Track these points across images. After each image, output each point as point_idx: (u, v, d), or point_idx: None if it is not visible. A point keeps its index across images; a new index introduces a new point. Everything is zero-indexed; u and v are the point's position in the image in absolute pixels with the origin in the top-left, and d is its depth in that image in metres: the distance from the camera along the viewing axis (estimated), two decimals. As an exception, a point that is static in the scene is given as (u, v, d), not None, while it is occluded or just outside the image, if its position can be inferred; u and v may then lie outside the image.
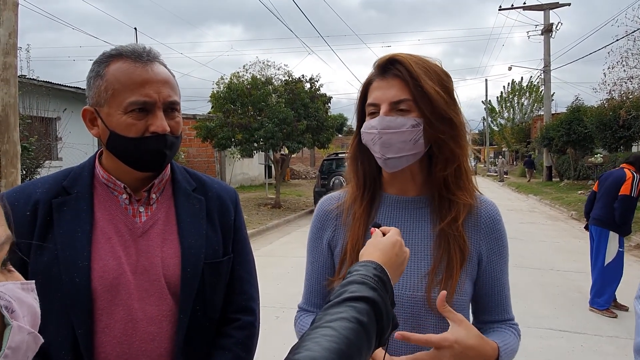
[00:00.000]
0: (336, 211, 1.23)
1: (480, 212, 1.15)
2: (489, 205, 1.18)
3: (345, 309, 0.72)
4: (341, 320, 0.69)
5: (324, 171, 14.70)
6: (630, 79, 13.80)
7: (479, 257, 1.13)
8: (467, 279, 1.11)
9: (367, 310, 0.73)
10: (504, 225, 1.18)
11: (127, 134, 1.07)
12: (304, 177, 30.90)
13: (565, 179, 22.50)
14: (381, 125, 1.06)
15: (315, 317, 0.74)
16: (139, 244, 1.12)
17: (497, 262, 1.15)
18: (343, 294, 0.76)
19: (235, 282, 1.24)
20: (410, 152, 1.07)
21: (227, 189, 1.31)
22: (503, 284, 1.16)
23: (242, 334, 1.21)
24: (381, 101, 1.07)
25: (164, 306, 1.10)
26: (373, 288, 0.78)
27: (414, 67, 1.05)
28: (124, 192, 1.14)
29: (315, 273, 1.25)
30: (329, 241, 1.22)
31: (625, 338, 4.48)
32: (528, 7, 22.22)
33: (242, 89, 13.90)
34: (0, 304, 0.50)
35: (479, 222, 1.14)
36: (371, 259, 0.87)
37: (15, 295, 0.52)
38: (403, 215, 1.16)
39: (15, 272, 0.57)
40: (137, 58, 1.09)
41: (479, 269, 1.14)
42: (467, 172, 1.13)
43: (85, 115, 1.13)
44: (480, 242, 1.13)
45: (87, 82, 1.13)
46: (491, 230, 1.14)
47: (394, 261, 0.90)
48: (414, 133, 1.05)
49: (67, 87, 13.66)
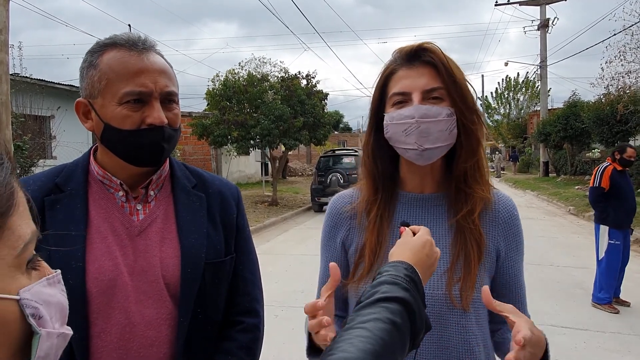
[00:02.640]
0: (350, 210, 1.19)
1: (498, 208, 1.13)
2: (506, 200, 1.16)
3: (379, 310, 0.71)
4: (375, 321, 0.68)
5: (321, 168, 14.63)
6: (628, 74, 13.80)
7: (497, 252, 1.11)
8: (486, 275, 1.09)
9: (400, 311, 0.71)
10: (520, 220, 1.16)
11: (122, 126, 1.01)
12: (300, 174, 30.84)
13: (562, 174, 22.53)
14: (419, 113, 1.01)
15: (347, 319, 0.73)
16: (136, 244, 1.06)
17: (514, 259, 1.13)
18: (375, 295, 0.74)
19: (239, 283, 1.18)
20: (445, 143, 1.04)
21: (229, 185, 1.25)
22: (520, 282, 1.15)
23: (246, 338, 1.16)
24: (412, 89, 1.03)
25: (163, 309, 1.04)
26: (405, 289, 0.76)
27: (443, 55, 1.04)
28: (120, 189, 1.08)
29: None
30: (343, 240, 1.18)
31: (629, 334, 4.46)
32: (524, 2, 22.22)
33: (238, 86, 13.82)
34: (27, 312, 0.48)
35: (497, 217, 1.13)
36: (401, 259, 0.85)
37: (42, 298, 0.50)
38: (420, 213, 1.13)
39: (42, 266, 0.54)
40: (132, 47, 1.03)
41: (497, 265, 1.12)
42: (484, 167, 1.12)
43: (79, 107, 1.07)
44: (499, 238, 1.12)
45: (80, 73, 1.07)
46: (509, 226, 1.13)
47: (424, 261, 0.87)
48: (449, 122, 1.03)
49: (61, 85, 13.54)
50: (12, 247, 0.47)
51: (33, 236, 0.50)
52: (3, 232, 0.46)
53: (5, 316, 0.46)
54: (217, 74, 14.98)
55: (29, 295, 0.49)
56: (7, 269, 0.47)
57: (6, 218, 0.47)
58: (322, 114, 14.80)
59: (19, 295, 0.47)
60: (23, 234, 0.49)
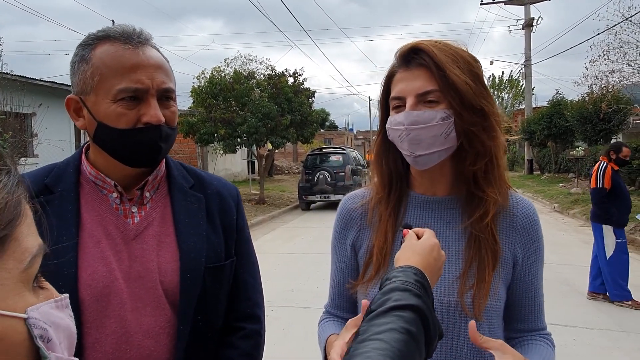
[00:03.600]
0: (360, 210, 1.15)
1: (516, 212, 1.08)
2: (526, 204, 1.10)
3: (393, 319, 0.68)
4: (390, 331, 0.66)
5: (308, 166, 14.57)
6: (612, 73, 13.96)
7: (514, 259, 1.06)
8: (501, 283, 1.03)
9: (414, 320, 0.69)
10: (540, 226, 1.10)
11: (116, 125, 0.96)
12: (287, 172, 30.76)
13: (546, 172, 22.83)
14: (408, 120, 0.98)
15: (359, 329, 0.70)
16: (131, 248, 1.00)
17: (532, 266, 1.07)
18: (386, 303, 0.71)
19: (239, 287, 1.14)
20: (442, 147, 0.99)
21: (228, 185, 1.19)
22: (537, 290, 1.09)
23: (248, 344, 1.11)
24: (406, 94, 0.99)
25: (162, 317, 0.98)
26: (417, 295, 0.73)
27: (438, 54, 0.97)
28: (115, 190, 1.02)
29: (340, 275, 1.18)
30: (353, 242, 1.15)
31: (617, 331, 4.51)
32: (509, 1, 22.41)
33: (225, 83, 13.69)
34: (35, 334, 0.43)
35: (514, 222, 1.07)
36: (410, 264, 0.81)
37: (51, 320, 0.46)
38: (432, 216, 1.09)
39: (48, 287, 0.50)
40: (126, 40, 0.97)
41: (514, 273, 1.06)
42: (500, 167, 1.04)
43: (70, 104, 1.01)
44: (516, 244, 1.06)
45: (70, 68, 1.01)
46: (528, 232, 1.07)
47: (433, 266, 0.84)
48: (445, 126, 0.97)
49: (43, 81, 13.26)
50: (18, 259, 0.43)
51: (40, 250, 0.46)
52: (9, 242, 0.42)
53: (11, 337, 0.41)
54: (202, 71, 14.86)
55: (38, 315, 0.44)
56: (14, 284, 0.42)
57: (12, 228, 0.42)
58: (309, 111, 14.75)
59: (26, 314, 0.43)
60: (30, 247, 0.44)
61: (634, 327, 4.58)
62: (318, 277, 6.54)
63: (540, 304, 1.09)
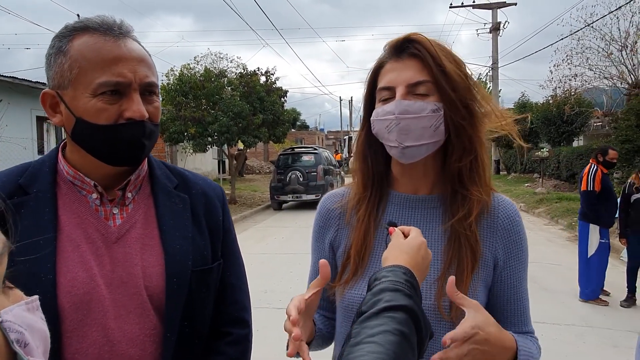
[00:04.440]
0: (339, 210, 1.13)
1: (497, 213, 1.04)
2: (507, 204, 1.07)
3: (385, 321, 0.67)
4: (384, 334, 0.64)
5: (280, 166, 14.50)
6: (575, 77, 14.49)
7: (494, 261, 1.03)
8: (481, 285, 1.01)
9: (407, 321, 0.68)
10: (524, 227, 1.08)
11: (96, 120, 0.90)
12: (258, 171, 30.52)
13: (512, 172, 23.44)
14: (399, 109, 0.96)
15: (351, 331, 0.68)
16: (113, 252, 0.95)
17: (514, 268, 1.04)
18: (378, 304, 0.70)
19: (226, 291, 1.10)
20: (431, 140, 0.97)
21: (213, 185, 1.15)
22: (521, 293, 1.06)
23: (236, 350, 1.08)
24: (397, 83, 0.97)
25: (147, 324, 0.94)
26: (408, 295, 0.72)
27: (432, 46, 0.96)
28: (94, 190, 0.97)
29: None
30: (332, 242, 1.13)
31: (581, 326, 4.67)
32: (477, 5, 22.88)
33: (195, 81, 13.46)
34: (11, 338, 0.39)
35: (495, 222, 1.04)
36: (398, 263, 0.79)
37: (26, 322, 0.42)
38: (412, 215, 1.06)
39: (15, 289, 0.45)
40: (107, 31, 0.92)
41: (495, 275, 1.04)
42: (484, 167, 1.03)
43: (45, 99, 0.95)
44: (497, 245, 1.03)
45: (46, 61, 0.95)
46: (509, 232, 1.04)
47: (420, 265, 0.83)
48: (435, 119, 0.96)
49: (2, 77, 12.72)
50: None
51: (4, 248, 0.43)
52: None
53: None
54: (171, 68, 14.51)
55: (12, 318, 0.40)
56: None
57: None
58: (282, 111, 14.68)
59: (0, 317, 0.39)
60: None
61: (598, 322, 4.75)
62: (292, 277, 6.51)
63: (524, 307, 1.06)
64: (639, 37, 13.10)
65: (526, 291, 1.08)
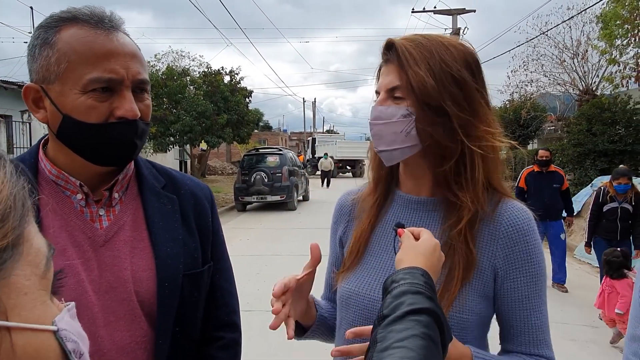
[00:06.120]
0: (350, 205, 1.17)
1: (500, 220, 0.97)
2: (515, 211, 0.98)
3: (412, 325, 0.66)
4: (413, 338, 0.64)
5: (245, 167, 14.33)
6: (530, 82, 15.12)
7: (494, 271, 0.96)
8: (476, 296, 0.95)
9: (431, 323, 0.68)
10: (537, 237, 0.97)
11: (86, 119, 0.86)
12: (220, 172, 30.09)
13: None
14: (372, 115, 1.00)
15: (375, 336, 0.68)
16: (101, 256, 0.90)
17: (518, 280, 0.95)
18: (400, 307, 0.69)
19: (216, 294, 1.07)
20: (404, 145, 0.97)
21: (201, 185, 1.12)
22: (529, 310, 0.95)
23: (227, 355, 1.05)
24: (380, 88, 1.01)
25: (137, 331, 0.90)
26: (430, 297, 0.71)
27: (406, 50, 0.95)
28: (79, 191, 0.92)
29: (329, 267, 1.21)
30: (341, 236, 1.17)
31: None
32: (438, 11, 23.43)
33: (156, 79, 13.14)
34: (69, 348, 0.37)
35: (497, 231, 0.96)
36: (415, 265, 0.79)
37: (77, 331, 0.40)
38: (412, 216, 1.05)
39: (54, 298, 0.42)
40: (98, 24, 0.88)
41: (496, 286, 0.97)
42: (476, 171, 0.96)
43: (27, 94, 0.89)
44: (497, 254, 0.96)
45: (29, 52, 0.90)
46: (512, 242, 0.95)
47: (436, 266, 0.83)
48: (405, 124, 0.95)
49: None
50: (34, 264, 0.36)
51: (50, 250, 0.40)
52: (22, 244, 0.35)
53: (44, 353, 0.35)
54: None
55: (66, 326, 0.38)
56: (37, 292, 0.36)
57: (23, 226, 0.36)
58: (246, 111, 14.54)
59: (55, 326, 0.37)
60: (41, 247, 0.38)
61: (558, 318, 4.94)
62: (258, 280, 6.44)
63: (533, 326, 0.95)
64: (589, 45, 13.80)
65: (539, 309, 0.96)
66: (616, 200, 5.15)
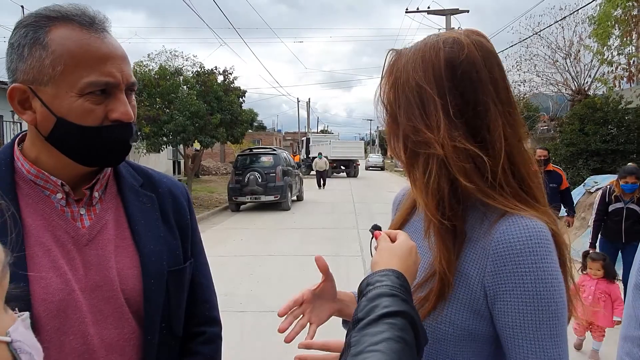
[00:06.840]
0: (400, 200, 1.20)
1: (493, 235, 0.86)
2: (513, 228, 0.83)
3: (386, 328, 0.65)
4: (387, 341, 0.63)
5: (239, 167, 14.30)
6: (523, 82, 15.21)
7: (483, 287, 0.87)
8: (460, 308, 0.87)
9: (406, 326, 0.67)
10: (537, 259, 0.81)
11: (82, 122, 0.86)
12: (214, 172, 30.03)
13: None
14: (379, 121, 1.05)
15: (350, 339, 0.66)
16: (85, 255, 0.91)
17: (509, 305, 0.83)
18: (375, 310, 0.68)
19: (196, 291, 1.09)
20: None
21: (177, 184, 1.13)
22: (521, 339, 0.82)
23: (210, 349, 1.07)
24: None
25: (125, 328, 0.91)
26: (404, 300, 0.71)
27: (385, 63, 0.97)
28: (60, 190, 0.91)
29: None
30: None
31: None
32: (432, 11, 23.52)
33: (149, 78, 13.08)
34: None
35: (488, 246, 0.86)
36: (391, 267, 0.78)
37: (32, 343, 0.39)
38: (420, 219, 1.04)
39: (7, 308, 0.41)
40: (89, 25, 0.87)
41: (488, 305, 0.87)
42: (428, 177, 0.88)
43: (13, 95, 0.88)
44: (485, 271, 0.86)
45: (13, 51, 0.87)
46: (501, 260, 0.83)
47: (412, 269, 0.82)
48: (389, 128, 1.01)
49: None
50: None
51: (7, 257, 0.39)
52: None
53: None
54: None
55: (20, 337, 0.37)
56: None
57: None
58: (240, 111, 14.51)
59: (9, 337, 0.36)
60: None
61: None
62: (252, 280, 6.44)
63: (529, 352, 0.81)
64: (582, 46, 13.90)
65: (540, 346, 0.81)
66: (622, 200, 4.73)
